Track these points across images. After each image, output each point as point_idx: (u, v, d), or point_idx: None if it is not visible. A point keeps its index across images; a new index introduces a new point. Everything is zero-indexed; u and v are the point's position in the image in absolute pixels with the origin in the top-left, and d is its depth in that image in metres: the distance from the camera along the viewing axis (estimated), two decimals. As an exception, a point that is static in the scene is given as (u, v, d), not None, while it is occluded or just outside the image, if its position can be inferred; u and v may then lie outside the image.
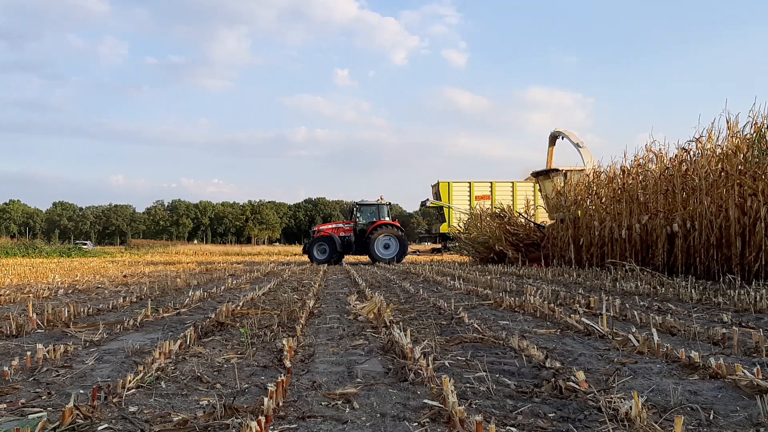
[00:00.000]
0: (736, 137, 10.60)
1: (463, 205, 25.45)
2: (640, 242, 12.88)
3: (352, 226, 22.54)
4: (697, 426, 2.27)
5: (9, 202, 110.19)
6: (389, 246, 21.44)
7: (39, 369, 3.23)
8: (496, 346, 3.90)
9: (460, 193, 26.60)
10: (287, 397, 2.65)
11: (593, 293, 7.55)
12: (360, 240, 22.05)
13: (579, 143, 18.12)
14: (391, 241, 21.38)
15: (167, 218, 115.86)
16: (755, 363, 3.22)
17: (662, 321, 4.65)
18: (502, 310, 5.98)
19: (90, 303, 6.63)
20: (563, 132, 18.58)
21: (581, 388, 2.68)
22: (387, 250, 21.41)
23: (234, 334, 4.46)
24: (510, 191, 26.49)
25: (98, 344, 4.08)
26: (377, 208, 22.63)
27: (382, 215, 22.45)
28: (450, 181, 26.54)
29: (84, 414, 2.32)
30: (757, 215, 9.46)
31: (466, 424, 2.18)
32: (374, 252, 21.41)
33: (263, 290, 8.16)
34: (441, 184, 26.25)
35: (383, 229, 21.56)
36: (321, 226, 23.85)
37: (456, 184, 26.66)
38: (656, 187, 12.56)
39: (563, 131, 18.58)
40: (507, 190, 26.56)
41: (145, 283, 10.16)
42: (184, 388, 2.86)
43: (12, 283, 10.35)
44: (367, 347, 3.94)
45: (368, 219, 22.45)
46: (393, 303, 6.34)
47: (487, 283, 9.33)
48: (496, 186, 26.74)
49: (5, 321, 4.85)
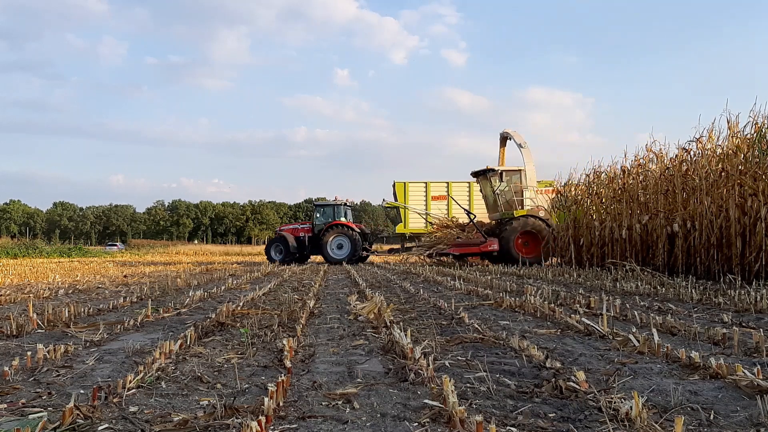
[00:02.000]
0: (736, 137, 10.60)
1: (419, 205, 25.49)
2: (640, 242, 12.88)
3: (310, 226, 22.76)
4: (698, 426, 2.27)
5: (9, 202, 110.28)
6: (342, 246, 21.57)
7: (39, 369, 3.23)
8: (496, 346, 3.90)
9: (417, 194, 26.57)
10: (287, 397, 2.65)
11: (593, 293, 7.55)
12: (316, 240, 22.17)
13: (522, 143, 18.33)
14: (344, 242, 21.49)
15: (167, 218, 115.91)
16: (756, 363, 3.22)
17: (662, 321, 4.65)
18: (503, 310, 5.98)
19: (90, 303, 6.63)
20: (509, 132, 18.81)
21: (582, 388, 2.68)
22: (340, 251, 21.56)
23: (234, 334, 4.46)
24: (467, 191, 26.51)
25: (98, 344, 4.08)
26: (334, 209, 22.77)
27: (339, 216, 22.56)
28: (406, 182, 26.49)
29: (84, 414, 2.32)
30: (757, 215, 9.45)
31: (467, 424, 2.18)
32: (327, 252, 21.55)
33: (263, 290, 8.16)
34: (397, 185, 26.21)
35: (336, 229, 21.72)
36: (283, 227, 24.14)
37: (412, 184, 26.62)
38: (656, 187, 12.56)
39: (509, 132, 18.83)
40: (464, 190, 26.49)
41: (146, 283, 10.16)
42: (184, 388, 2.86)
43: (12, 283, 10.35)
44: (368, 347, 3.94)
45: (326, 219, 22.55)
46: (393, 303, 6.34)
47: (487, 283, 9.33)
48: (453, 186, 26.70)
49: (6, 321, 4.85)
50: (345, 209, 22.93)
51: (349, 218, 23.09)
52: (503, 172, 18.40)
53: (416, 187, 26.60)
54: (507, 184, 18.38)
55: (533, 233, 17.48)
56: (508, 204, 18.30)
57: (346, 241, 21.45)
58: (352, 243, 21.37)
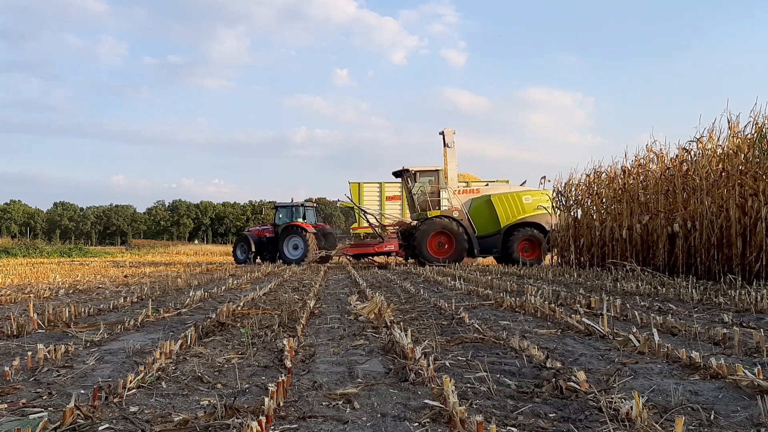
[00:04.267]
0: (737, 137, 10.60)
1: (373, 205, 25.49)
2: (640, 242, 12.87)
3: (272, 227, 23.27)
4: (698, 426, 2.26)
5: (10, 203, 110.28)
6: (297, 247, 21.88)
7: (40, 369, 3.24)
8: (496, 347, 3.90)
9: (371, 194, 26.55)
10: (288, 397, 2.65)
11: (594, 293, 7.55)
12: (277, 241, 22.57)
13: (449, 144, 18.38)
14: (299, 242, 21.83)
15: (168, 218, 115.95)
16: (756, 363, 3.22)
17: (663, 321, 4.65)
18: (503, 311, 5.98)
19: (91, 303, 6.63)
20: (444, 131, 18.86)
21: (582, 388, 2.68)
22: (296, 251, 21.86)
23: (235, 334, 4.46)
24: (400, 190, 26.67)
25: (99, 344, 4.08)
26: (292, 210, 23.18)
27: (297, 217, 22.91)
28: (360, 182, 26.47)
29: (85, 414, 2.33)
30: (758, 215, 9.45)
31: (467, 424, 2.18)
32: (283, 252, 21.87)
33: (264, 290, 8.16)
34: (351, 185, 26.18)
35: (292, 230, 22.12)
36: (250, 228, 24.62)
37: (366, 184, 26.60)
38: (657, 187, 12.56)
39: (444, 130, 18.87)
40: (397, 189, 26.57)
41: (146, 283, 10.17)
42: (184, 388, 2.86)
43: (13, 283, 10.36)
44: (368, 347, 3.94)
45: (285, 220, 22.93)
46: (394, 303, 6.34)
47: (487, 283, 9.34)
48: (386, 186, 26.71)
49: (6, 321, 4.86)
50: (305, 210, 23.36)
51: (311, 219, 23.46)
52: (417, 172, 18.39)
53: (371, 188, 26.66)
54: (421, 185, 18.42)
55: (447, 234, 17.48)
56: (423, 205, 18.34)
57: (300, 241, 21.82)
58: (305, 244, 21.73)
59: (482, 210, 17.95)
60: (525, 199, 17.85)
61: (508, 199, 17.86)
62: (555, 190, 17.32)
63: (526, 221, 17.71)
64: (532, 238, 17.66)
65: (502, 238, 17.65)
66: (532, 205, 17.83)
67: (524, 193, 17.97)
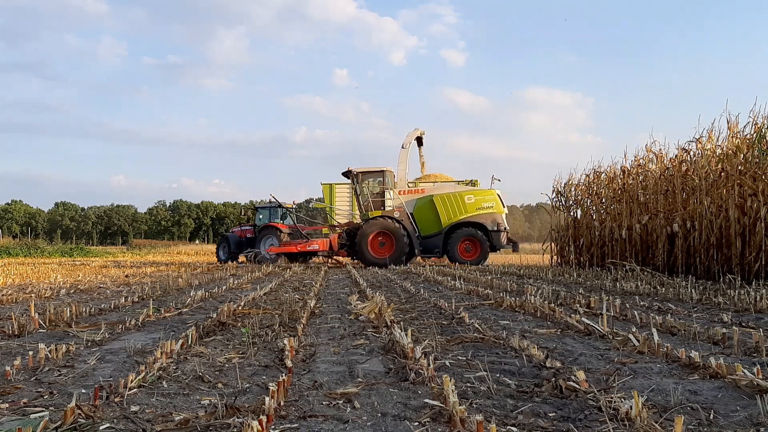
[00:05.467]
0: (736, 137, 10.61)
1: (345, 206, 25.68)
2: (640, 242, 12.89)
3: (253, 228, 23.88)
4: (698, 426, 2.27)
5: (11, 203, 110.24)
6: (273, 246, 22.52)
7: (41, 369, 3.24)
8: (496, 346, 3.91)
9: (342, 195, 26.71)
10: (288, 397, 2.66)
11: (593, 293, 7.55)
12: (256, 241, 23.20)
13: (404, 144, 18.45)
14: (274, 243, 22.30)
15: (169, 218, 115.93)
16: (755, 363, 3.23)
17: (662, 321, 4.66)
18: (503, 310, 5.99)
19: (92, 303, 6.64)
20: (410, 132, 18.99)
21: (582, 387, 2.69)
22: None
23: (235, 334, 4.47)
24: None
25: (100, 344, 4.09)
26: (270, 211, 23.85)
27: (274, 218, 23.51)
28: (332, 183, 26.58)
29: (86, 413, 2.33)
30: (757, 215, 9.46)
31: (467, 424, 2.19)
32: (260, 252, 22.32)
33: (264, 290, 8.17)
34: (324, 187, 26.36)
35: (267, 231, 22.69)
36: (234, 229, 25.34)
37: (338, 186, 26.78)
38: (656, 187, 12.57)
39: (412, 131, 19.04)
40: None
41: (147, 282, 10.18)
42: (185, 388, 2.87)
43: (14, 283, 10.36)
44: (368, 347, 3.95)
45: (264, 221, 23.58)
46: (394, 303, 6.35)
47: (487, 283, 9.34)
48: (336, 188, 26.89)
49: (7, 321, 4.86)
50: (282, 211, 23.99)
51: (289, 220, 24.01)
52: (360, 173, 18.47)
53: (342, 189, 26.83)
54: (364, 186, 18.52)
55: (388, 234, 17.50)
56: (368, 205, 18.43)
57: (275, 241, 22.34)
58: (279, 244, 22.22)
59: (426, 210, 17.91)
60: (467, 199, 17.71)
61: (450, 199, 17.76)
62: (555, 190, 17.31)
63: (468, 221, 17.60)
64: (473, 237, 17.57)
65: (443, 238, 17.62)
66: (475, 205, 17.68)
67: (467, 193, 17.85)
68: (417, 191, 18.32)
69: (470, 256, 17.54)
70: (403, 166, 18.31)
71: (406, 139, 18.52)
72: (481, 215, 17.61)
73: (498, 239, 17.47)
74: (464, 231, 17.56)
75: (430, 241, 17.80)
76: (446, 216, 17.64)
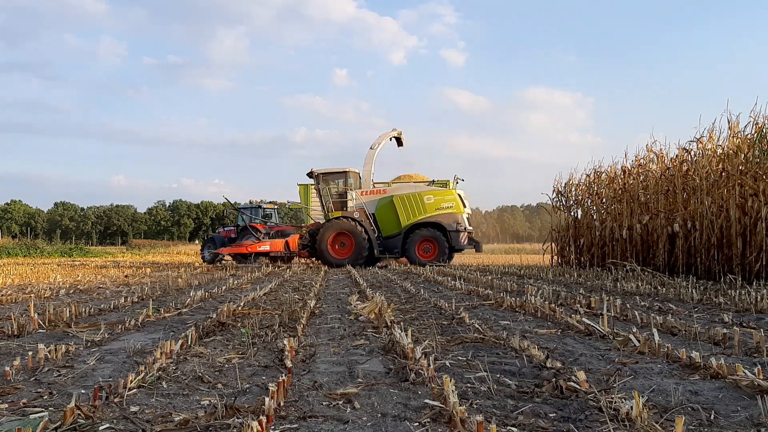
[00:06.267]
0: (737, 137, 10.60)
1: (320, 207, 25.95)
2: (641, 242, 12.88)
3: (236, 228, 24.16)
4: (698, 426, 2.27)
5: (10, 203, 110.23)
6: None
7: (40, 369, 3.24)
8: (497, 346, 3.90)
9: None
10: (288, 397, 2.65)
11: (594, 293, 7.55)
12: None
13: (372, 146, 18.49)
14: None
15: (168, 218, 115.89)
16: (756, 363, 3.22)
17: (663, 321, 4.65)
18: (503, 311, 5.98)
19: (91, 303, 6.64)
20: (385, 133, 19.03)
21: (582, 388, 2.69)
22: None
23: (235, 334, 4.47)
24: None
25: (100, 344, 4.09)
26: (251, 212, 24.24)
27: (254, 218, 23.80)
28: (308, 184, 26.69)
29: (85, 414, 2.33)
30: (758, 215, 9.46)
31: (467, 424, 2.18)
32: None
33: (264, 290, 8.16)
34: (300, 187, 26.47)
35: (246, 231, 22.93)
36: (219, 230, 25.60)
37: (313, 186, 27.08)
38: (657, 187, 12.56)
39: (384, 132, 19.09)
40: None
41: (147, 283, 10.17)
42: (185, 388, 2.86)
43: (14, 283, 10.36)
44: (368, 347, 3.94)
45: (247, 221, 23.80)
46: (394, 303, 6.34)
47: (487, 283, 9.34)
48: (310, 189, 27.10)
49: (7, 321, 4.86)
50: (262, 212, 24.36)
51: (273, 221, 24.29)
52: (321, 174, 18.54)
53: None
54: (326, 187, 18.58)
55: (348, 234, 17.54)
56: (329, 206, 18.50)
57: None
58: None
59: (387, 211, 17.92)
60: (427, 199, 17.67)
61: (409, 199, 17.74)
62: (555, 190, 17.29)
63: (427, 221, 17.57)
64: (431, 238, 17.53)
65: (402, 238, 17.63)
66: (434, 205, 17.64)
67: (426, 193, 17.80)
68: (379, 192, 18.31)
69: (428, 256, 17.49)
70: (368, 167, 18.33)
71: (377, 140, 18.57)
72: (441, 215, 17.56)
73: (457, 239, 17.39)
74: (423, 231, 17.55)
75: (391, 241, 17.84)
76: (406, 216, 17.65)
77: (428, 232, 17.51)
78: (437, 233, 17.47)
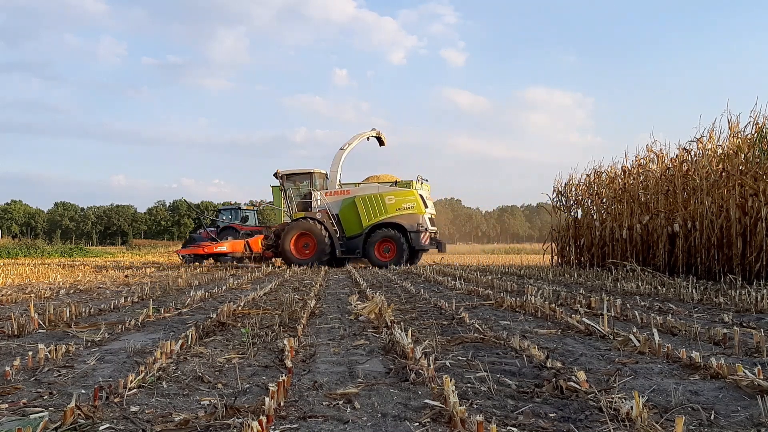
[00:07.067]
0: (737, 137, 10.60)
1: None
2: (641, 242, 12.88)
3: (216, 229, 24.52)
4: (698, 426, 2.27)
5: (10, 203, 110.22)
6: None
7: (40, 369, 3.24)
8: (497, 347, 3.90)
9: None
10: (288, 397, 2.65)
11: (594, 293, 7.55)
12: None
13: (343, 146, 18.58)
14: None
15: (169, 218, 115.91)
16: (756, 363, 3.22)
17: (663, 321, 4.65)
18: (503, 311, 5.98)
19: (91, 303, 6.64)
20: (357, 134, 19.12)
21: (582, 388, 2.69)
22: None
23: (235, 334, 4.47)
24: None
25: (100, 344, 4.09)
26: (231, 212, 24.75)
27: (235, 219, 24.18)
28: None
29: (85, 414, 2.33)
30: (758, 215, 9.45)
31: (467, 424, 2.18)
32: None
33: (264, 290, 8.17)
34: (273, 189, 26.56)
35: (226, 231, 23.24)
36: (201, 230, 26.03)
37: None
38: (657, 187, 12.56)
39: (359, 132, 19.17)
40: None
41: (147, 283, 10.17)
42: (185, 388, 2.86)
43: (14, 283, 10.36)
44: (368, 347, 3.94)
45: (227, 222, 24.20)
46: (394, 303, 6.34)
47: (488, 283, 9.34)
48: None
49: (7, 321, 4.86)
50: (242, 213, 24.68)
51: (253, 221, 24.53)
52: (285, 175, 18.57)
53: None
54: (290, 188, 18.63)
55: (310, 235, 17.59)
56: (292, 206, 18.58)
57: None
58: None
59: (349, 211, 17.90)
60: (388, 200, 17.61)
61: (371, 200, 17.70)
62: (555, 190, 17.28)
63: (387, 222, 17.53)
64: (391, 238, 17.50)
65: (363, 238, 17.62)
66: (395, 206, 17.57)
67: (387, 194, 17.73)
68: (344, 192, 18.30)
69: (388, 257, 17.47)
70: (335, 168, 18.36)
71: (348, 141, 18.62)
72: (401, 216, 17.50)
73: (418, 240, 17.31)
74: (383, 232, 17.53)
75: (353, 242, 17.84)
76: (367, 217, 17.61)
77: (388, 233, 17.50)
78: (397, 234, 17.46)
